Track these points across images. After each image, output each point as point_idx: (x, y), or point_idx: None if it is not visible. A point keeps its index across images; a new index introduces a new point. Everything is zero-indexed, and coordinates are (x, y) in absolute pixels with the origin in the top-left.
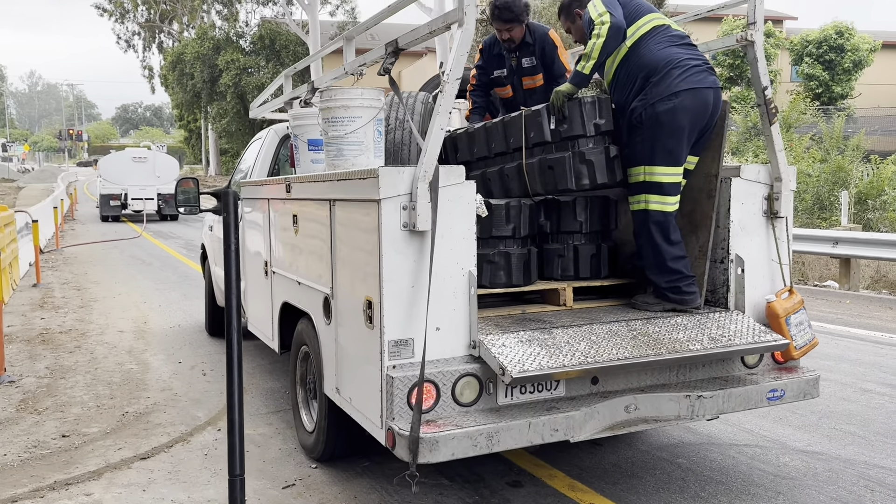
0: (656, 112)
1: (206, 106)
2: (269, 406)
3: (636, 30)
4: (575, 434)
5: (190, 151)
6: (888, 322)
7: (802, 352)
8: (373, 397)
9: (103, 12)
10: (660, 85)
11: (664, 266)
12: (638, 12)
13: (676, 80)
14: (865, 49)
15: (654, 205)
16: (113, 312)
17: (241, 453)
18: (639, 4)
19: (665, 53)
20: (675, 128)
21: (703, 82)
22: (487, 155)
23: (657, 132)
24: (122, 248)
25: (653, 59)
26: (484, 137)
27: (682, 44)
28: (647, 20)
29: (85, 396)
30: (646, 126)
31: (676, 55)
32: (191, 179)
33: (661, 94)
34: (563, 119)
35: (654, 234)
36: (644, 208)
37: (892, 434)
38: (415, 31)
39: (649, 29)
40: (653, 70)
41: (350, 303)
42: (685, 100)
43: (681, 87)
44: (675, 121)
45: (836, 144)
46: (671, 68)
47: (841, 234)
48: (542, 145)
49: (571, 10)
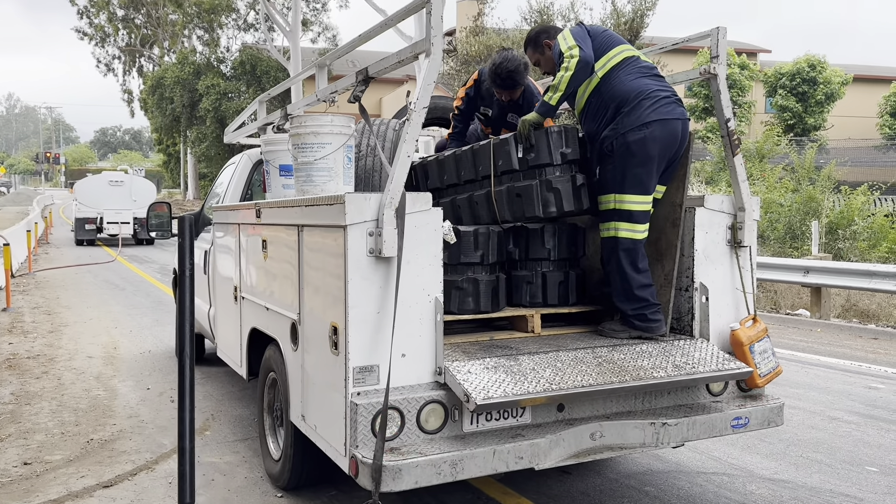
0: (627, 142)
1: (186, 130)
2: (237, 434)
3: (607, 61)
4: (540, 462)
5: (169, 175)
6: (857, 351)
7: (766, 380)
8: (337, 425)
9: (84, 36)
10: (630, 115)
11: (631, 293)
12: (608, 43)
13: (647, 111)
14: (837, 82)
15: (623, 232)
16: (83, 337)
17: (191, 481)
18: (609, 36)
19: (636, 84)
20: (645, 157)
21: (673, 113)
22: (457, 182)
23: (628, 161)
24: (96, 272)
25: (624, 90)
26: (454, 165)
27: (651, 75)
28: (617, 51)
29: (49, 423)
30: (616, 155)
31: (647, 86)
32: (164, 203)
33: (631, 125)
34: (530, 147)
35: (622, 261)
36: (613, 235)
37: (858, 462)
38: (384, 60)
39: (620, 60)
40: (624, 100)
41: (316, 329)
42: (655, 130)
43: (651, 117)
44: (646, 150)
45: (808, 175)
46: (642, 99)
47: (812, 263)
48: (511, 173)
49: (540, 41)
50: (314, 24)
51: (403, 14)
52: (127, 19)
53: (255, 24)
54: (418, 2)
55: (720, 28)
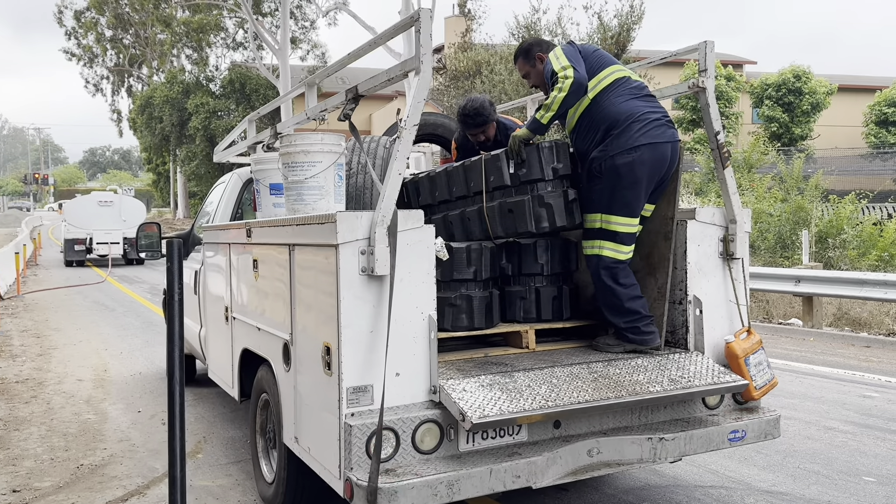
0: (616, 164)
1: (175, 149)
2: (230, 456)
3: (598, 82)
4: (537, 480)
5: (158, 195)
6: (850, 359)
7: (762, 392)
8: (331, 446)
9: (72, 56)
10: (620, 138)
11: (621, 307)
12: (600, 64)
13: (636, 134)
14: (822, 92)
15: (607, 251)
16: (72, 360)
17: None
18: (601, 56)
19: (626, 107)
20: (633, 181)
21: (662, 136)
22: (449, 198)
23: (616, 183)
24: (86, 293)
25: (614, 112)
26: (445, 181)
27: (642, 96)
28: (609, 72)
29: (39, 449)
30: (605, 176)
31: (638, 108)
32: (154, 224)
33: (621, 147)
34: (521, 163)
35: (605, 278)
36: (598, 254)
37: (855, 473)
38: (374, 78)
39: (611, 81)
40: (614, 123)
41: (309, 349)
42: (644, 154)
43: (640, 141)
44: (634, 174)
45: (796, 184)
46: (632, 122)
47: (803, 272)
48: (502, 189)
49: (533, 53)
50: (303, 42)
51: (392, 32)
52: (115, 39)
53: (243, 42)
54: (407, 20)
55: (708, 42)
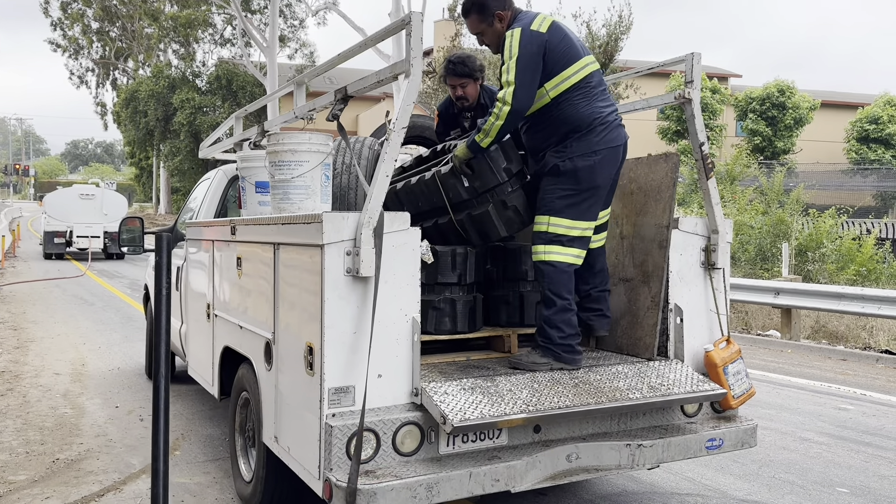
0: (576, 167)
1: (159, 144)
2: (207, 454)
3: (563, 80)
4: (516, 484)
5: (141, 189)
6: (827, 372)
7: (740, 401)
8: (311, 446)
9: (57, 48)
10: (582, 140)
11: (558, 321)
12: (566, 58)
13: (598, 137)
14: (806, 107)
15: (554, 255)
16: (50, 354)
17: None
18: (567, 48)
19: (590, 110)
20: (592, 185)
21: (619, 139)
22: (428, 209)
23: (574, 187)
24: (65, 286)
25: (577, 116)
26: (411, 197)
27: (602, 95)
28: (575, 69)
29: (14, 442)
30: (562, 178)
31: (600, 111)
32: (136, 218)
33: (582, 150)
34: (472, 175)
35: (550, 286)
36: (543, 259)
37: (829, 483)
38: (364, 80)
39: (577, 82)
40: (577, 126)
41: (291, 348)
42: (605, 158)
43: (601, 145)
44: (593, 178)
45: (778, 198)
46: (596, 126)
47: (782, 284)
48: (464, 202)
49: (490, 9)
50: (291, 40)
51: (383, 34)
52: (101, 32)
53: (231, 39)
54: (398, 23)
55: (695, 53)
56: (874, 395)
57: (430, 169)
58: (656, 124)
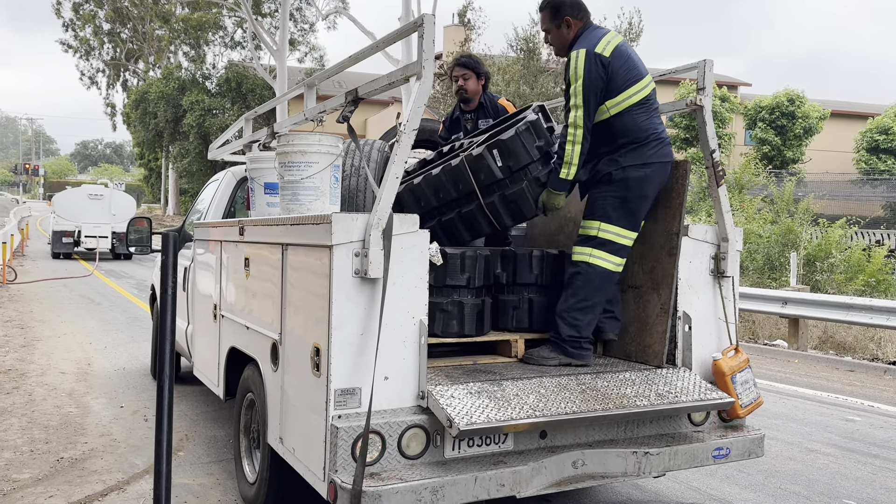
0: (628, 176)
1: (168, 145)
2: (211, 455)
3: (626, 98)
4: (522, 490)
5: (149, 190)
6: (834, 382)
7: (748, 410)
8: (316, 448)
9: (68, 48)
10: (636, 152)
11: (577, 319)
12: (628, 78)
13: (651, 151)
14: (815, 117)
15: (597, 259)
16: (56, 353)
17: None
18: (632, 66)
19: (648, 124)
20: (641, 195)
21: (668, 156)
22: (437, 205)
23: (625, 195)
24: (72, 286)
25: (636, 128)
26: (430, 189)
27: (657, 115)
28: (638, 88)
29: (19, 440)
30: (614, 186)
31: (655, 127)
32: (144, 219)
33: (635, 161)
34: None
35: (584, 286)
36: (587, 261)
37: (836, 495)
38: (375, 82)
39: (639, 100)
40: (635, 138)
41: (298, 349)
42: (655, 171)
43: (653, 158)
44: (644, 189)
45: (787, 207)
46: (652, 140)
47: (790, 294)
48: (496, 183)
49: (562, 13)
50: (301, 44)
51: (396, 36)
52: (113, 33)
53: (241, 42)
54: (410, 26)
55: (707, 61)
56: (882, 407)
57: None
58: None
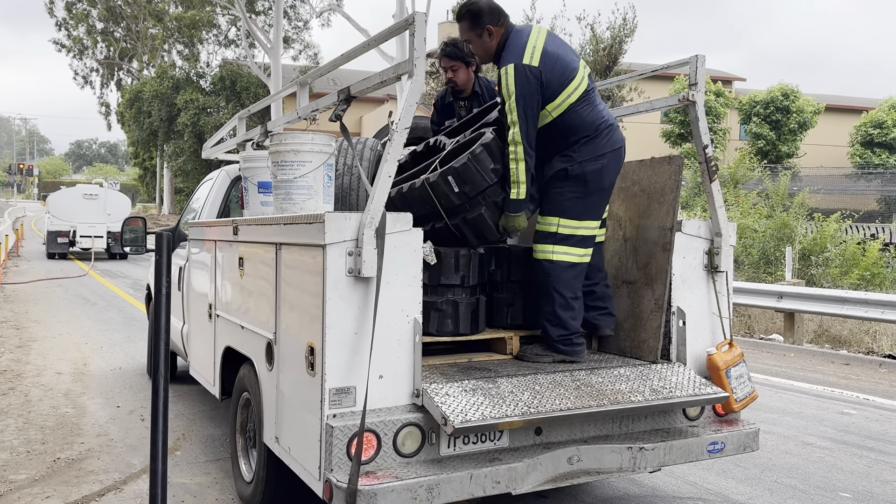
0: (584, 171)
1: (163, 144)
2: (208, 454)
3: (565, 98)
4: (517, 486)
5: (144, 189)
6: (829, 376)
7: (742, 404)
8: (311, 447)
9: (61, 48)
10: (588, 145)
11: (560, 317)
12: (565, 75)
13: (603, 142)
14: (810, 111)
15: (559, 255)
16: (52, 353)
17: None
18: (563, 67)
19: (594, 115)
20: (600, 187)
21: (620, 141)
22: (425, 213)
23: (583, 190)
24: (67, 286)
25: (584, 123)
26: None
27: (598, 100)
28: (574, 86)
29: (15, 441)
30: (570, 182)
31: (601, 116)
32: (139, 218)
33: (589, 155)
34: (461, 181)
35: (554, 284)
36: (549, 258)
37: (831, 489)
38: (367, 80)
39: (578, 97)
40: (583, 134)
41: (292, 348)
42: (610, 161)
43: (606, 148)
44: (601, 181)
45: (782, 201)
46: (602, 130)
47: (785, 288)
48: (456, 207)
49: (482, 23)
50: (295, 41)
51: (387, 34)
52: (106, 32)
53: (236, 40)
54: (402, 23)
55: (699, 56)
56: (877, 400)
57: (426, 166)
58: (660, 128)
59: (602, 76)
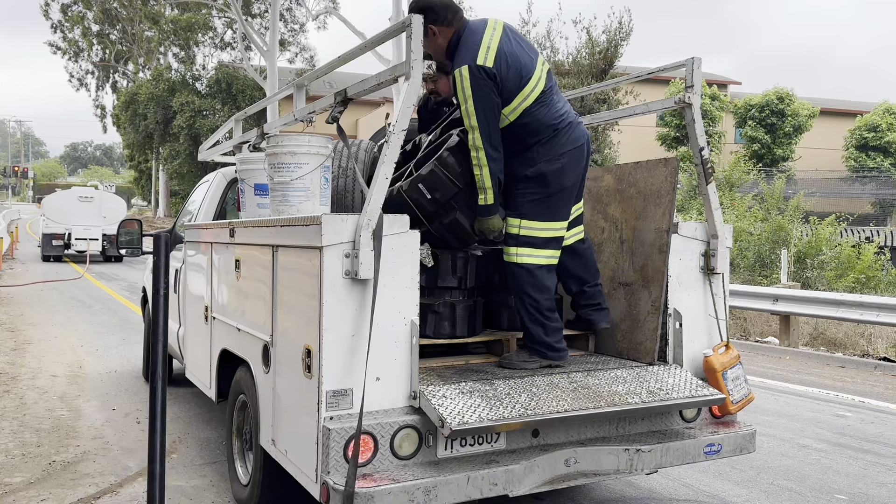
0: (543, 172)
1: (159, 147)
2: (205, 457)
3: (522, 101)
4: (514, 488)
5: (140, 192)
6: (825, 379)
7: (739, 406)
8: (308, 450)
9: (57, 50)
10: (546, 146)
11: (540, 319)
12: (519, 78)
13: (562, 140)
14: (805, 115)
15: (524, 258)
16: (47, 356)
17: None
18: (519, 67)
19: (552, 116)
20: (561, 187)
21: (581, 138)
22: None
23: (544, 191)
24: (63, 289)
25: (541, 126)
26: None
27: (558, 97)
28: (531, 87)
29: (10, 444)
30: (531, 183)
31: (559, 114)
32: (135, 221)
33: (548, 155)
34: (432, 188)
35: (525, 286)
36: (514, 261)
37: (827, 490)
38: (363, 82)
39: (535, 98)
40: (541, 135)
41: (289, 351)
42: (570, 159)
43: (566, 146)
44: (562, 181)
45: (777, 205)
46: (559, 130)
47: (781, 291)
48: (433, 213)
49: (425, 21)
50: (291, 44)
51: (384, 37)
52: (102, 35)
53: (231, 42)
54: (398, 26)
55: (695, 59)
56: (872, 403)
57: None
58: (655, 131)
59: (598, 79)
